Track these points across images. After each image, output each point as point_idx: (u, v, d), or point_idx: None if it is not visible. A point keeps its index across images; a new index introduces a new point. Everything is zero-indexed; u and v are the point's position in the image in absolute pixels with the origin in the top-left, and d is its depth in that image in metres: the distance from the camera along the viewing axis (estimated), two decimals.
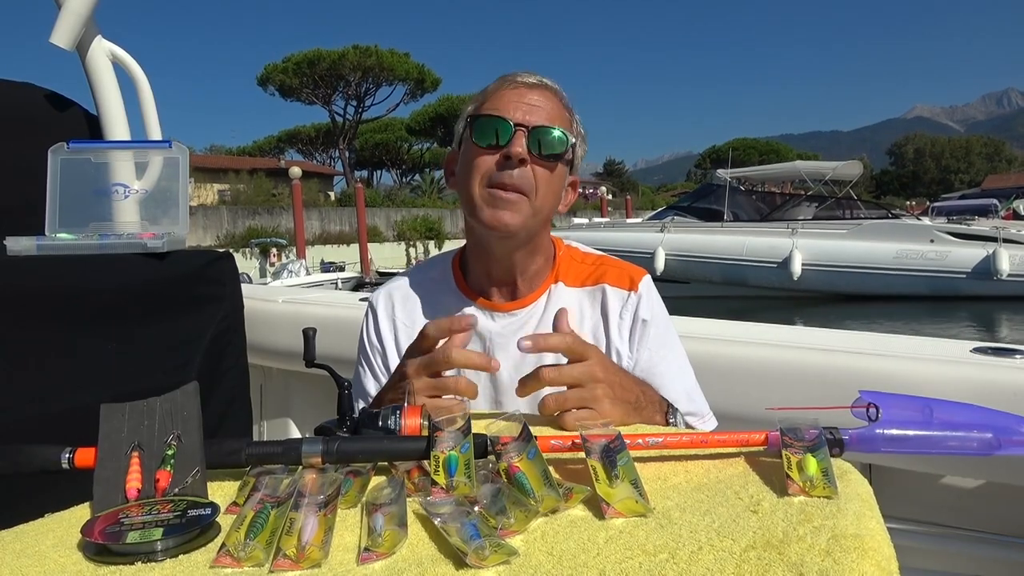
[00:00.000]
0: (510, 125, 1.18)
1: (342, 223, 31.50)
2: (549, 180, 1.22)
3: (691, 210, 18.45)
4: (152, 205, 1.43)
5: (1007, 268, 13.93)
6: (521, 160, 1.17)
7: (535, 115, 1.20)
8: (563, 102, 1.27)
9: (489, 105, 1.23)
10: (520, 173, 1.18)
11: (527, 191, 1.19)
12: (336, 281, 19.98)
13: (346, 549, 0.66)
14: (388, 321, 1.38)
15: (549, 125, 1.20)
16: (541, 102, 1.22)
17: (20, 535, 0.73)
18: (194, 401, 0.85)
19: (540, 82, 1.25)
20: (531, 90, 1.23)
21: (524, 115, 1.20)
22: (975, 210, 23.93)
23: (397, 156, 54.20)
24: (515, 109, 1.20)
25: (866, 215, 16.69)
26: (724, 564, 0.59)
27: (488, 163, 1.19)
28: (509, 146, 1.17)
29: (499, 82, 1.26)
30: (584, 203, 47.29)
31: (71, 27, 1.47)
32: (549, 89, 1.25)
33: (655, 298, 1.34)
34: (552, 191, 1.23)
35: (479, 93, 1.28)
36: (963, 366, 1.44)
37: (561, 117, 1.24)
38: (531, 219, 1.21)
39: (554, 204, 1.26)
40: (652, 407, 1.13)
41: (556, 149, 1.21)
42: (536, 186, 1.20)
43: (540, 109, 1.21)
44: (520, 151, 1.17)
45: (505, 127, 1.18)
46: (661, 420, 1.13)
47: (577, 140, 1.27)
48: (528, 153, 1.18)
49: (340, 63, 42.70)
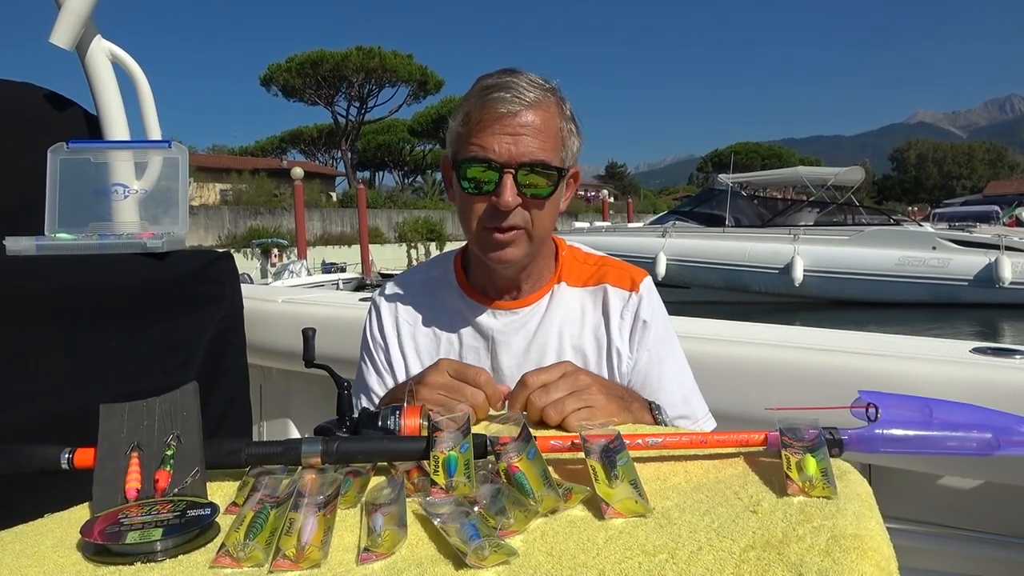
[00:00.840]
0: (496, 171, 1.15)
1: (343, 224, 31.53)
2: (543, 210, 1.21)
3: (693, 215, 18.45)
4: (152, 205, 1.43)
5: (1009, 276, 13.91)
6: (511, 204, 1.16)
7: (520, 146, 1.15)
8: (549, 109, 1.20)
9: (474, 140, 1.17)
10: (513, 214, 1.18)
11: (523, 226, 1.20)
12: (337, 282, 20.01)
13: (346, 549, 0.66)
14: (391, 318, 1.40)
15: (537, 160, 1.16)
16: (527, 126, 1.16)
17: (20, 535, 0.73)
18: (194, 401, 0.85)
19: (524, 103, 1.16)
20: (514, 118, 1.16)
21: (508, 149, 1.15)
22: (977, 216, 23.91)
23: (399, 157, 54.27)
24: (499, 143, 1.15)
25: (868, 221, 16.67)
26: (723, 564, 0.59)
27: (480, 208, 1.20)
28: (498, 196, 1.16)
29: (479, 106, 1.17)
30: (586, 206, 47.28)
31: (71, 27, 1.47)
32: (534, 105, 1.17)
33: (656, 299, 1.36)
34: (549, 215, 1.23)
35: (463, 109, 1.21)
36: (963, 366, 1.44)
37: (550, 132, 1.18)
38: (531, 247, 1.24)
39: (553, 222, 1.27)
40: (639, 404, 1.16)
41: (544, 190, 1.19)
42: (532, 219, 1.20)
43: (523, 138, 1.15)
44: (509, 201, 1.15)
45: (491, 175, 1.16)
46: (649, 418, 1.15)
47: (569, 140, 1.23)
48: (519, 194, 1.17)
49: (343, 64, 42.81)
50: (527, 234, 1.21)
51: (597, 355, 1.31)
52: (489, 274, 1.32)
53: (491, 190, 1.17)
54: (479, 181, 1.18)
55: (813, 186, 19.66)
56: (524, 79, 1.19)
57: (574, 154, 1.27)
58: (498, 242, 1.20)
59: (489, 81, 1.19)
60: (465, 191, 1.19)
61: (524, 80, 1.18)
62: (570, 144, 1.24)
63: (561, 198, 1.27)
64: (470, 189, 1.19)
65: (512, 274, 1.30)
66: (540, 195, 1.19)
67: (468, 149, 1.18)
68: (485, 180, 1.17)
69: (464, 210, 1.22)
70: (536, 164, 1.16)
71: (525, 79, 1.19)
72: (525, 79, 1.19)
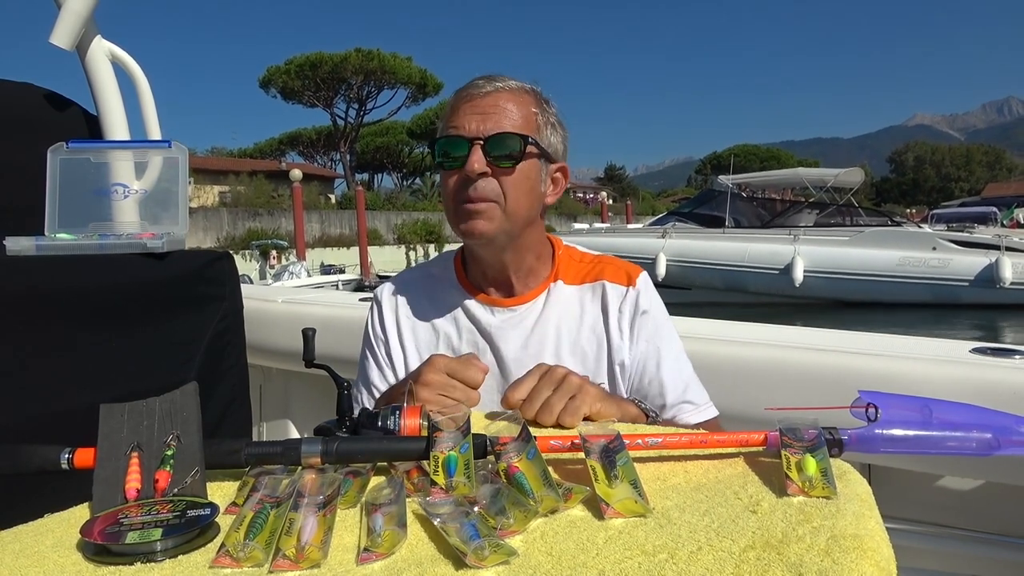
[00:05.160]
0: (465, 142, 1.21)
1: (342, 226, 31.53)
2: (517, 183, 1.24)
3: (692, 216, 18.46)
4: (152, 205, 1.43)
5: (1010, 276, 13.91)
6: (481, 174, 1.20)
7: (489, 122, 1.22)
8: (523, 97, 1.27)
9: (448, 124, 1.25)
10: (483, 184, 1.22)
11: (494, 198, 1.23)
12: (337, 283, 20.01)
13: (345, 549, 0.66)
14: (391, 313, 1.42)
15: (502, 132, 1.21)
16: (494, 107, 1.23)
17: (19, 535, 0.73)
18: (193, 401, 0.85)
19: (493, 88, 1.25)
20: (484, 98, 1.24)
21: (478, 125, 1.21)
22: (975, 218, 23.93)
23: (398, 160, 54.26)
24: (469, 121, 1.22)
25: (867, 222, 16.68)
26: (723, 564, 0.59)
27: (454, 182, 1.24)
28: (466, 165, 1.20)
29: (456, 96, 1.27)
30: (584, 208, 47.28)
31: (71, 27, 1.47)
32: (503, 91, 1.25)
33: (652, 293, 1.38)
34: (524, 191, 1.25)
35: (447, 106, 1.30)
36: (962, 366, 1.44)
37: (519, 115, 1.25)
38: (506, 222, 1.24)
39: (531, 202, 1.28)
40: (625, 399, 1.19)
41: (511, 154, 1.22)
42: (504, 191, 1.23)
43: (492, 116, 1.22)
44: (476, 167, 1.19)
45: (460, 145, 1.21)
46: (635, 409, 1.16)
47: (546, 130, 1.28)
48: (488, 164, 1.21)
49: (342, 66, 42.82)
50: (500, 208, 1.23)
51: (596, 350, 1.32)
52: (479, 266, 1.35)
53: (461, 165, 1.21)
54: (450, 155, 1.23)
55: (812, 187, 19.67)
56: (505, 77, 1.27)
57: (554, 146, 1.30)
58: (468, 212, 1.23)
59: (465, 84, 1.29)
60: (441, 167, 1.25)
61: (505, 77, 1.27)
62: (546, 132, 1.29)
63: (540, 179, 1.29)
64: (444, 163, 1.24)
65: (495, 258, 1.31)
66: (507, 164, 1.22)
67: (444, 130, 1.25)
68: (455, 154, 1.22)
69: (442, 185, 1.27)
70: (503, 134, 1.22)
71: (505, 77, 1.27)
72: (505, 77, 1.27)
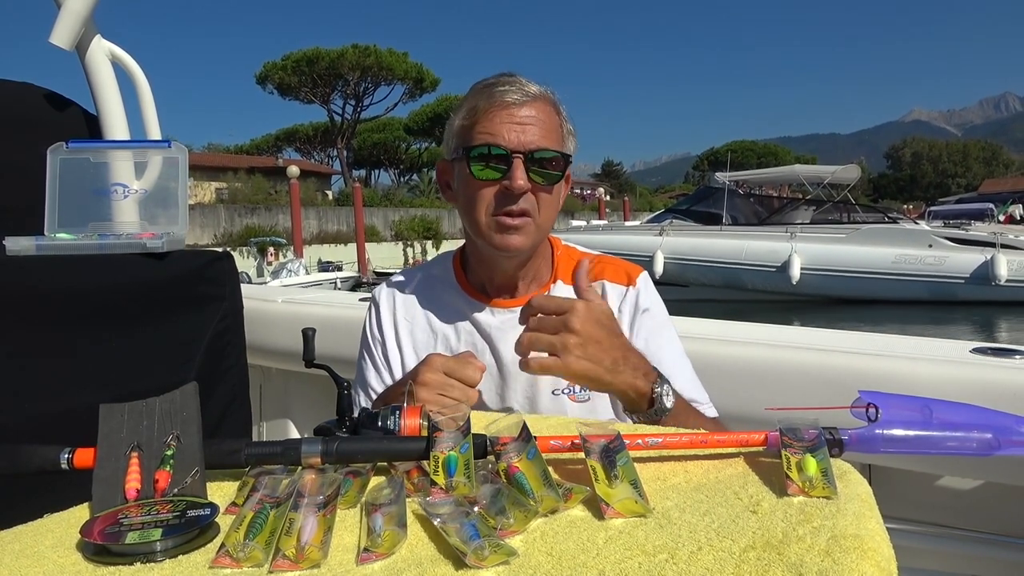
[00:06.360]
0: (507, 154, 1.19)
1: (340, 222, 31.49)
2: (551, 200, 1.26)
3: (689, 213, 18.48)
4: (151, 205, 1.43)
5: (1005, 273, 13.97)
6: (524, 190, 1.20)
7: (528, 134, 1.21)
8: (551, 105, 1.26)
9: (481, 129, 1.22)
10: (524, 199, 1.21)
11: (531, 214, 1.23)
12: (335, 280, 20.03)
13: (345, 549, 0.66)
14: (389, 315, 1.42)
15: (544, 147, 1.21)
16: (532, 117, 1.22)
17: (19, 535, 0.73)
18: (193, 401, 0.85)
19: (527, 95, 1.23)
20: (520, 108, 1.22)
21: (518, 137, 1.20)
22: (972, 214, 23.98)
23: (395, 156, 54.23)
24: (507, 132, 1.20)
25: (864, 219, 16.71)
26: (723, 564, 0.59)
27: (490, 194, 1.22)
28: (510, 180, 1.19)
29: (485, 97, 1.23)
30: (582, 204, 47.24)
31: (71, 27, 1.47)
32: (537, 99, 1.24)
33: (652, 291, 1.38)
34: (554, 207, 1.28)
35: (466, 106, 1.26)
36: (962, 366, 1.44)
37: (553, 126, 1.25)
38: (537, 236, 1.26)
39: (556, 214, 1.29)
40: (633, 372, 1.08)
41: (552, 176, 1.23)
42: (539, 206, 1.24)
43: (532, 127, 1.21)
44: (521, 183, 1.19)
45: (502, 157, 1.20)
46: (643, 385, 1.07)
47: (568, 140, 1.29)
48: (529, 180, 1.20)
49: (339, 62, 42.75)
50: (534, 223, 1.24)
51: None
52: (489, 272, 1.34)
53: (500, 176, 1.20)
54: (489, 167, 1.21)
55: (809, 184, 19.70)
56: (522, 78, 1.25)
57: (571, 153, 1.31)
58: (508, 227, 1.22)
59: (490, 80, 1.26)
60: (475, 177, 1.22)
61: (523, 79, 1.25)
62: (568, 142, 1.30)
63: (562, 192, 1.31)
64: (479, 175, 1.21)
65: (513, 268, 1.32)
66: (548, 181, 1.23)
67: (476, 138, 1.22)
68: (495, 166, 1.20)
69: (471, 198, 1.24)
70: (543, 151, 1.21)
71: (523, 79, 1.25)
72: (523, 79, 1.25)
